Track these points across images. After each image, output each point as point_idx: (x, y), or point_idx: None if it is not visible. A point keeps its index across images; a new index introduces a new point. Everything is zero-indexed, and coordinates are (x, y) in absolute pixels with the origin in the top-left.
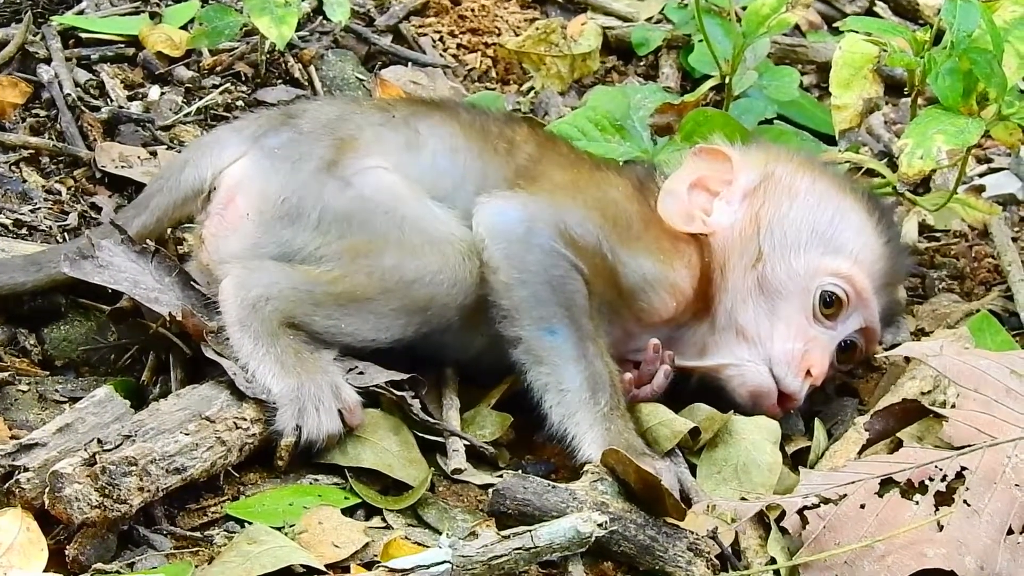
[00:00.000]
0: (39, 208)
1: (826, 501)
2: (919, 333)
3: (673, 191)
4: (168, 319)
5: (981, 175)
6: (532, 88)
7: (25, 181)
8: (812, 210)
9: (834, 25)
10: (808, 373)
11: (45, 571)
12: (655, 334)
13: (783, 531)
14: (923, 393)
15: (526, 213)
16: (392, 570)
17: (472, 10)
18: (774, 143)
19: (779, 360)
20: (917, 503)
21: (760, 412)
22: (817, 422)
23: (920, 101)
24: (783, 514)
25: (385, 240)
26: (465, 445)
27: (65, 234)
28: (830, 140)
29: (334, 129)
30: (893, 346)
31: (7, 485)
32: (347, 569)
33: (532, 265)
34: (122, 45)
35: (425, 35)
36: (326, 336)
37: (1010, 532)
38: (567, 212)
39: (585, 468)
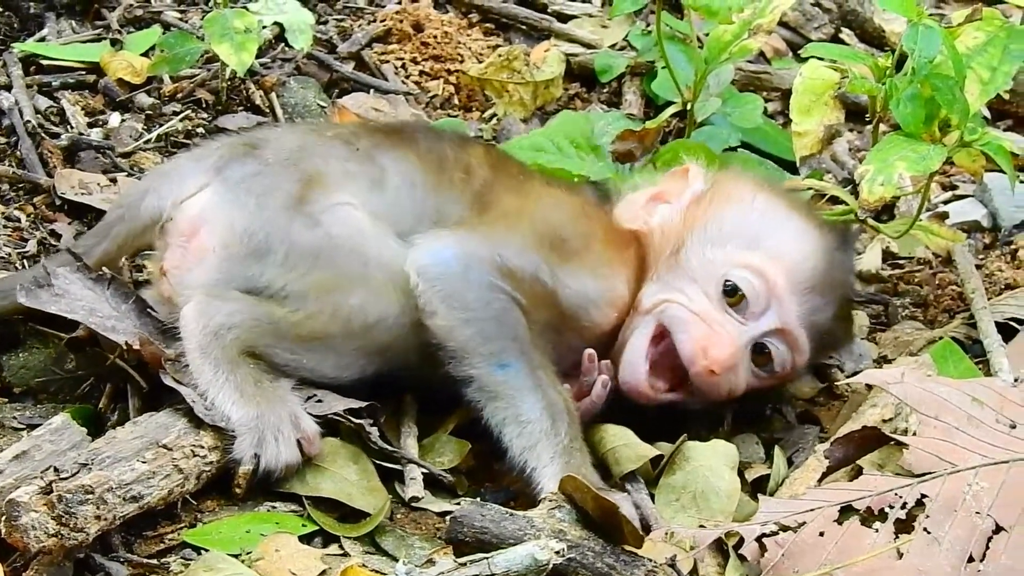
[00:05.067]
0: None
1: (785, 528)
2: (881, 360)
3: (632, 200)
4: (125, 348)
5: (946, 202)
6: (495, 115)
7: None
8: (743, 211)
9: (799, 52)
10: (705, 354)
11: None
12: (597, 346)
13: (741, 559)
14: (884, 421)
15: (460, 251)
16: None
17: (435, 37)
18: (740, 168)
19: (673, 322)
20: (877, 531)
21: (634, 389)
22: (777, 449)
23: (883, 128)
24: (741, 541)
25: (350, 280)
26: (423, 473)
27: (24, 261)
28: (793, 168)
29: (299, 163)
30: (854, 373)
31: None
32: None
33: (474, 302)
34: (83, 72)
35: (387, 62)
36: (287, 369)
37: (971, 560)
38: (504, 244)
39: (543, 496)
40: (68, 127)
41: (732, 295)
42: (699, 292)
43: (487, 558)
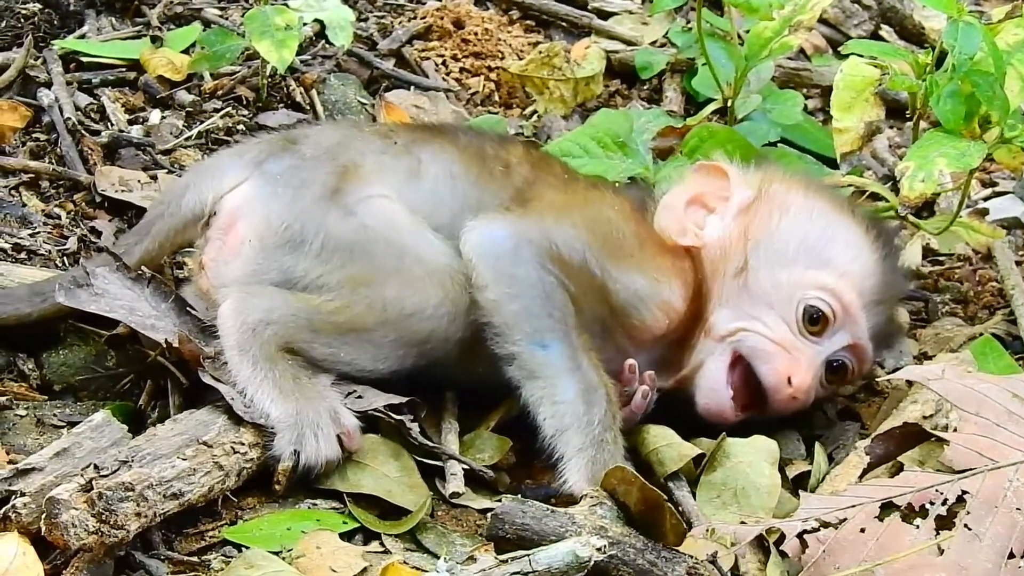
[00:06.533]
0: (38, 232)
1: (826, 525)
2: (922, 357)
3: (671, 205)
4: (165, 346)
5: (986, 199)
6: (535, 112)
7: (25, 205)
8: (802, 225)
9: (839, 49)
10: (789, 382)
11: None
12: (648, 353)
13: (783, 555)
14: (925, 417)
15: (513, 231)
16: None
17: (475, 34)
18: (776, 163)
19: (755, 352)
20: (918, 527)
21: (716, 415)
22: (818, 446)
23: (923, 124)
24: (782, 538)
25: (386, 271)
26: (464, 469)
27: (64, 258)
28: (834, 164)
29: (336, 156)
30: (895, 370)
31: (3, 510)
32: None
33: (522, 279)
34: (123, 69)
35: (428, 59)
36: (324, 364)
37: (1011, 556)
38: (555, 231)
39: (584, 492)
40: (108, 124)
41: (815, 323)
42: (776, 318)
43: (528, 555)
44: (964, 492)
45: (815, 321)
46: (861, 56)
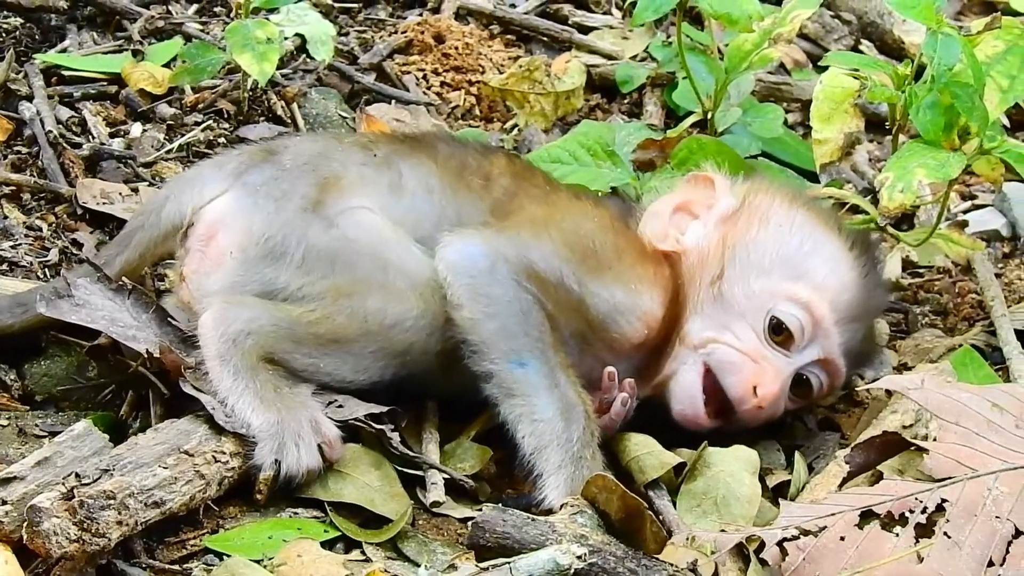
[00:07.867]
0: (20, 244)
1: (806, 533)
2: (902, 368)
3: (658, 212)
4: (146, 356)
5: (966, 211)
6: (516, 126)
7: (6, 218)
8: (781, 237)
9: (819, 63)
10: (754, 392)
11: None
12: (626, 361)
13: (763, 563)
14: (904, 426)
15: (489, 248)
16: None
17: (456, 48)
18: (765, 176)
19: (722, 366)
20: (897, 535)
21: (691, 422)
22: (798, 455)
23: (903, 137)
24: (763, 546)
25: (368, 283)
26: (445, 478)
27: (46, 270)
28: (814, 177)
29: (317, 167)
30: (875, 380)
31: None
32: None
33: (499, 297)
34: (105, 83)
35: (408, 73)
36: (305, 374)
37: (990, 564)
38: (532, 247)
39: (565, 501)
40: (90, 137)
41: (778, 332)
42: (746, 328)
43: (509, 563)
44: (944, 500)
45: (779, 331)
46: (841, 68)
